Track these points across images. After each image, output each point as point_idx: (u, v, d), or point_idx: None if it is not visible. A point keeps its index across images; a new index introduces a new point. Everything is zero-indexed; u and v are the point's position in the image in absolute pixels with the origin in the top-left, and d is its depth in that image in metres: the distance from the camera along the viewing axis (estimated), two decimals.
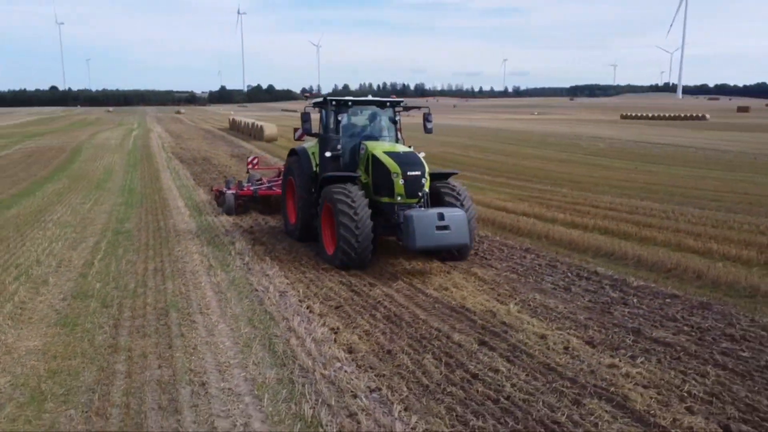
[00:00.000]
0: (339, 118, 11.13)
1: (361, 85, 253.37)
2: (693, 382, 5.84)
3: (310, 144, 12.03)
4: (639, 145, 37.54)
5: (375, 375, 5.98)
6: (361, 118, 11.93)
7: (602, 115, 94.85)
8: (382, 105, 11.69)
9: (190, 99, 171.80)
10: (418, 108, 12.63)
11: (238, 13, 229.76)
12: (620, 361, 6.37)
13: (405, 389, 5.67)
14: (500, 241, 12.39)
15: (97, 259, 10.52)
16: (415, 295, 8.71)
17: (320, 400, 5.40)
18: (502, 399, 5.47)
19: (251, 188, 15.73)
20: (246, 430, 4.93)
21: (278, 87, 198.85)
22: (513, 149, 36.87)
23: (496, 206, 16.65)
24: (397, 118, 11.75)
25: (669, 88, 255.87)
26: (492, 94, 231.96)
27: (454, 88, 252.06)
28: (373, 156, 10.34)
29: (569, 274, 9.90)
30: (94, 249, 11.31)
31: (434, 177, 10.85)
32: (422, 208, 9.70)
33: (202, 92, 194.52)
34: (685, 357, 6.48)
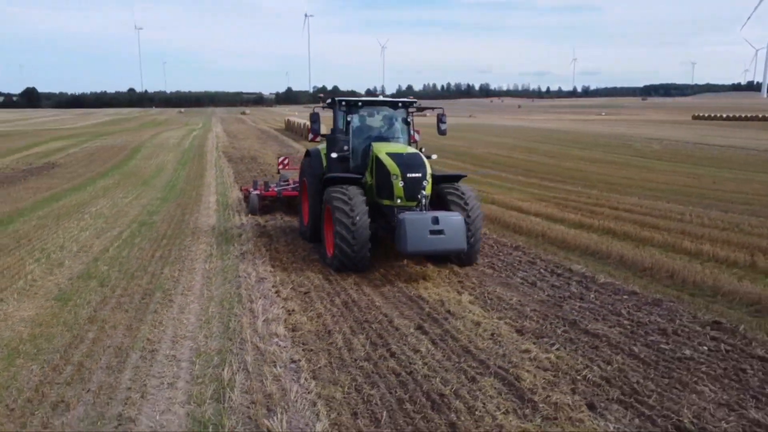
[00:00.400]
0: (348, 119, 11.11)
1: (425, 85, 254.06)
2: (594, 367, 6.20)
3: (324, 145, 11.90)
4: (696, 147, 36.24)
5: (303, 350, 6.69)
6: (372, 119, 11.80)
7: (672, 115, 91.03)
8: (394, 106, 11.63)
9: (257, 100, 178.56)
10: (432, 109, 12.91)
11: (306, 15, 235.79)
12: (537, 347, 6.78)
13: (323, 362, 6.35)
14: (495, 239, 12.76)
15: (113, 246, 11.75)
16: (383, 285, 9.33)
17: (241, 368, 6.16)
18: (404, 374, 6.06)
19: (275, 189, 16.02)
20: (168, 388, 5.76)
21: (343, 87, 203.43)
22: (560, 150, 36.50)
23: (511, 206, 16.95)
24: (409, 119, 11.67)
25: (753, 87, 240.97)
26: (560, 94, 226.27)
27: (520, 88, 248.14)
28: (377, 157, 10.30)
29: (543, 271, 10.22)
30: (116, 238, 12.58)
31: (442, 179, 10.75)
32: (418, 211, 9.47)
33: (270, 93, 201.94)
34: (604, 347, 6.80)
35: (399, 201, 9.95)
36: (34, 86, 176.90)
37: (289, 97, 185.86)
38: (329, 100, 11.69)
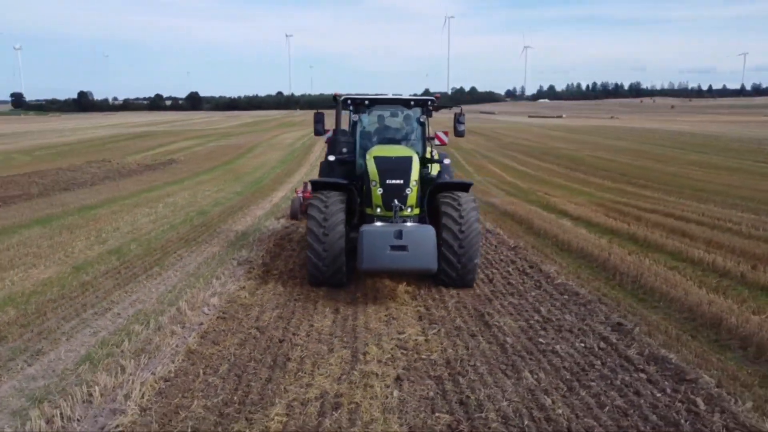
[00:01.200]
0: (355, 119, 10.49)
1: (568, 85, 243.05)
2: (460, 352, 6.78)
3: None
4: None
5: (218, 318, 7.90)
6: (381, 119, 11.13)
7: None
8: (406, 104, 10.64)
9: None
10: (449, 108, 12.47)
11: (446, 17, 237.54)
12: (423, 333, 7.40)
13: (222, 328, 7.51)
14: (501, 239, 13.04)
15: (157, 230, 13.87)
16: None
17: (158, 327, 7.51)
18: (269, 339, 7.08)
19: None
20: (93, 335, 7.29)
21: (481, 89, 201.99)
22: (674, 154, 34.33)
23: (554, 208, 16.90)
24: (422, 119, 10.61)
25: None
26: (723, 93, 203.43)
27: (676, 86, 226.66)
28: (365, 161, 9.65)
29: (512, 269, 10.50)
30: (166, 223, 14.74)
31: (444, 187, 9.67)
32: (378, 224, 8.75)
33: (409, 95, 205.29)
34: (490, 337, 7.27)
35: (378, 210, 9.19)
36: (196, 91, 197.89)
37: None
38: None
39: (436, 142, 12.05)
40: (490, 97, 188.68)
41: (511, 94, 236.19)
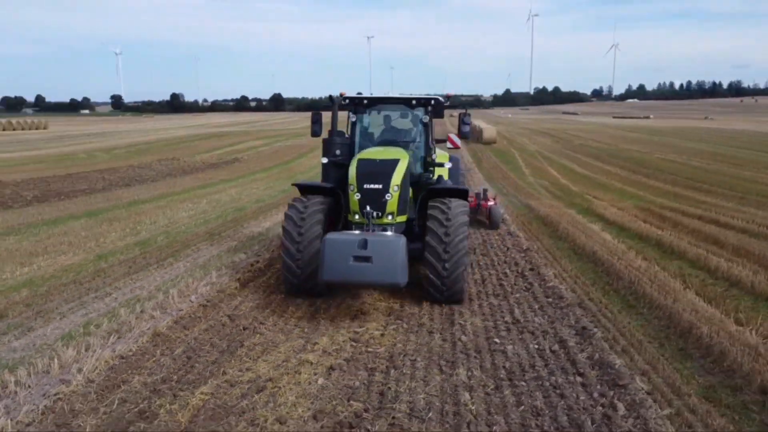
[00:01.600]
0: (353, 119, 10.16)
1: (660, 84, 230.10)
2: (409, 347, 7.02)
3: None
4: None
5: (199, 305, 8.47)
6: (381, 120, 10.66)
7: None
8: (408, 104, 10.12)
9: (474, 102, 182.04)
10: (455, 108, 13.21)
11: (530, 15, 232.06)
12: (383, 327, 7.68)
13: (198, 315, 8.09)
14: (517, 241, 12.96)
15: (191, 224, 14.82)
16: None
17: (141, 311, 8.18)
18: (234, 327, 7.60)
19: None
20: (87, 315, 8.08)
21: (566, 89, 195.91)
22: (756, 158, 32.28)
23: (592, 212, 16.54)
24: (424, 120, 10.05)
25: None
26: None
27: None
28: (350, 164, 9.04)
29: (511, 271, 10.51)
30: (202, 218, 15.69)
31: (437, 193, 9.12)
32: (346, 232, 8.27)
33: (489, 95, 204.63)
34: (447, 335, 7.43)
35: (357, 217, 8.60)
36: (280, 92, 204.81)
37: (506, 99, 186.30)
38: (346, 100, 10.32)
39: (449, 144, 12.01)
40: (574, 97, 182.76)
41: (598, 94, 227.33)
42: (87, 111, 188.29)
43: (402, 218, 8.90)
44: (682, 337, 7.27)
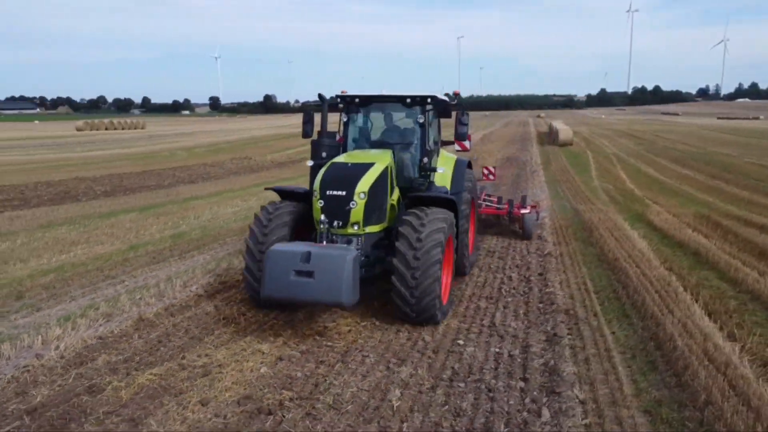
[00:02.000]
0: (344, 119, 9.74)
1: None
2: (369, 343, 7.27)
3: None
4: None
5: (195, 295, 9.07)
6: (374, 120, 10.11)
7: None
8: (402, 103, 9.45)
9: (566, 103, 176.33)
10: (454, 109, 10.53)
11: (629, 11, 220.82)
12: (354, 324, 7.88)
13: (189, 304, 8.66)
14: (542, 245, 12.74)
15: (230, 220, 15.67)
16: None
17: (140, 297, 8.88)
18: (216, 316, 8.05)
19: None
20: (93, 299, 8.88)
21: (667, 88, 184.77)
22: None
23: (641, 217, 15.90)
24: (421, 120, 9.38)
25: None
26: None
27: None
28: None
29: (518, 275, 10.42)
30: (244, 215, 16.49)
31: (421, 201, 8.53)
32: (295, 243, 7.68)
33: (582, 96, 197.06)
34: (413, 334, 7.58)
35: (322, 226, 7.81)
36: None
37: (602, 100, 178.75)
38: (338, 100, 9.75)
39: (457, 147, 11.77)
40: (676, 97, 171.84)
41: (704, 94, 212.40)
42: (187, 112, 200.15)
43: (375, 228, 8.13)
44: (660, 349, 6.98)
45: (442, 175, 9.90)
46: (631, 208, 17.71)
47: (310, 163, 9.51)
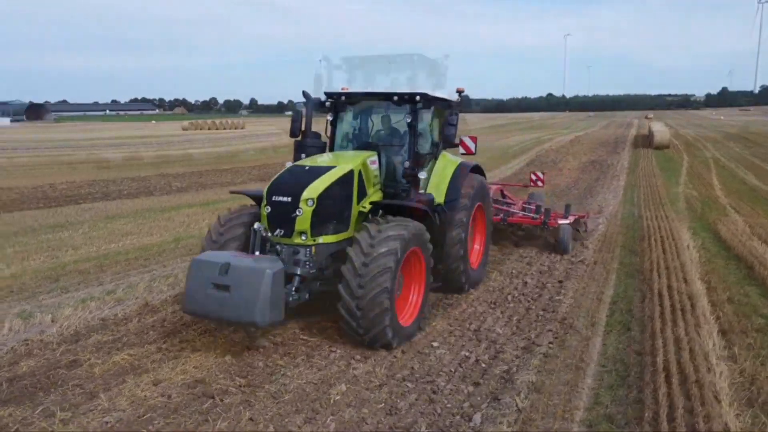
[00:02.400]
0: (329, 118, 9.28)
1: None
2: (345, 337, 7.32)
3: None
4: None
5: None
6: (361, 119, 9.63)
7: None
8: (391, 101, 8.76)
9: (681, 102, 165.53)
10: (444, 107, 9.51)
11: (759, 3, 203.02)
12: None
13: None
14: (579, 252, 12.36)
15: None
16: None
17: (156, 285, 9.61)
18: None
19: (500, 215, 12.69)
20: (117, 285, 9.73)
21: None
22: None
23: (710, 228, 14.97)
24: (408, 120, 8.64)
25: None
26: None
27: None
28: None
29: (536, 281, 10.22)
30: None
31: (399, 210, 7.86)
32: (221, 252, 7.20)
33: (701, 95, 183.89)
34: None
35: (270, 234, 7.22)
36: (467, 94, 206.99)
37: (723, 99, 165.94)
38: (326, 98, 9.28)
39: (461, 150, 11.37)
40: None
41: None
42: (290, 112, 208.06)
43: (331, 238, 7.46)
44: (639, 364, 6.67)
45: (439, 181, 9.29)
46: (704, 217, 16.64)
47: (289, 164, 8.51)
